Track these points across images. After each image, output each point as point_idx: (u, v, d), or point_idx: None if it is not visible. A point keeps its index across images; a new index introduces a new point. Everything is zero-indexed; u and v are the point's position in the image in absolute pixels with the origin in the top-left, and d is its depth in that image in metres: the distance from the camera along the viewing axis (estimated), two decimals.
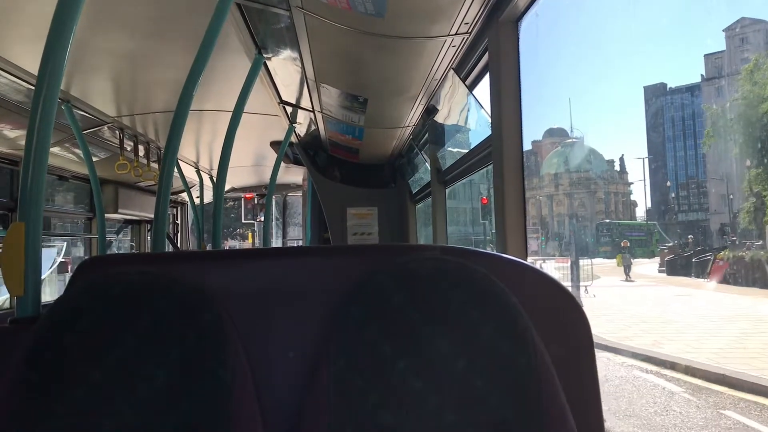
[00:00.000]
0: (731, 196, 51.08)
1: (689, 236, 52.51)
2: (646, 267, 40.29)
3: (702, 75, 63.00)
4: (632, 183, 75.77)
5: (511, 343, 1.24)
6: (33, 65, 2.98)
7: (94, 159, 4.50)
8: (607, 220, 62.05)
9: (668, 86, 74.45)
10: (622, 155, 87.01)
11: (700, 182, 68.92)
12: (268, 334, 1.35)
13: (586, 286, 23.18)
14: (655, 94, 74.52)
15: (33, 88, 3.20)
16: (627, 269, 31.81)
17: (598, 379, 1.38)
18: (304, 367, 1.30)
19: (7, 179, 4.72)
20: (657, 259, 42.45)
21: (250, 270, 1.43)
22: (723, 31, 57.95)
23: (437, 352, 1.23)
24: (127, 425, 1.17)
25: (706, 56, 62.43)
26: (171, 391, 1.19)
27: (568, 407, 1.25)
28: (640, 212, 73.75)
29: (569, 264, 26.99)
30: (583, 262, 29.89)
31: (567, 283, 22.61)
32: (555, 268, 29.32)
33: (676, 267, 33.34)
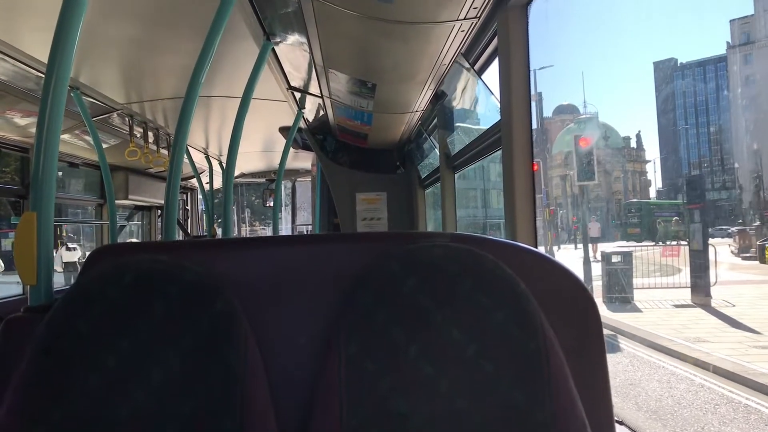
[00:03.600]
0: None
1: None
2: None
3: (728, 42, 59.54)
4: (649, 161, 73.98)
5: (520, 330, 1.25)
6: (42, 53, 3.00)
7: (104, 146, 4.52)
8: (635, 200, 59.48)
9: (679, 61, 72.95)
10: (639, 131, 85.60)
11: (713, 160, 67.62)
12: (279, 321, 1.36)
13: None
14: (666, 68, 73.00)
15: (42, 75, 3.23)
16: None
17: (607, 363, 1.39)
18: (315, 353, 1.32)
19: (18, 166, 4.75)
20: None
21: (260, 257, 1.44)
22: None
23: (448, 337, 1.24)
24: (141, 411, 1.19)
25: (732, 22, 58.72)
26: (183, 377, 1.21)
27: (578, 393, 1.26)
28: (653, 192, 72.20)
29: (682, 254, 17.65)
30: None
31: (682, 281, 15.57)
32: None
33: None
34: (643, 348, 10.79)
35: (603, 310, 13.86)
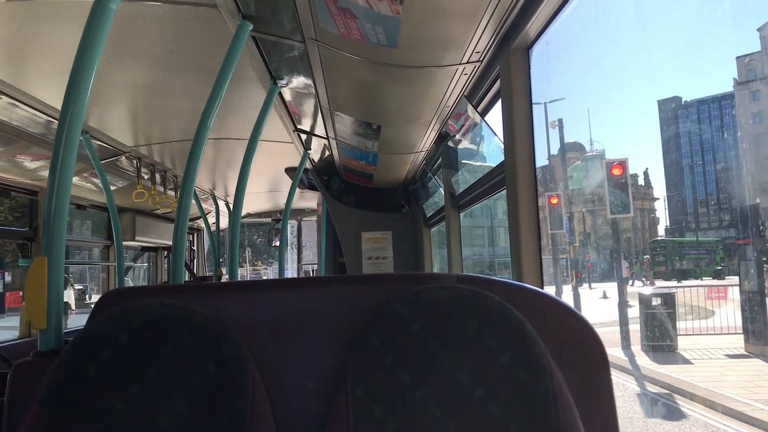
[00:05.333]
0: None
1: None
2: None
3: (735, 78, 58.22)
4: (658, 198, 73.33)
5: (528, 371, 1.25)
6: (52, 98, 3.06)
7: (112, 188, 4.56)
8: (660, 238, 58.32)
9: (683, 100, 73.13)
10: (646, 168, 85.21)
11: (720, 198, 67.13)
12: (287, 364, 1.36)
13: None
14: (670, 107, 73.21)
15: (53, 120, 3.30)
16: None
17: (615, 404, 1.38)
18: (322, 397, 1.32)
19: (27, 209, 4.80)
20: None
21: (267, 301, 1.45)
22: (757, 30, 54.35)
23: (455, 380, 1.24)
24: None
25: (738, 59, 57.37)
26: (191, 421, 1.22)
27: None
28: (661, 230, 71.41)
29: (729, 293, 15.55)
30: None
31: (724, 324, 13.78)
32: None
33: None
34: (714, 414, 8.60)
35: (645, 360, 12.16)
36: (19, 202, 4.95)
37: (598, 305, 21.77)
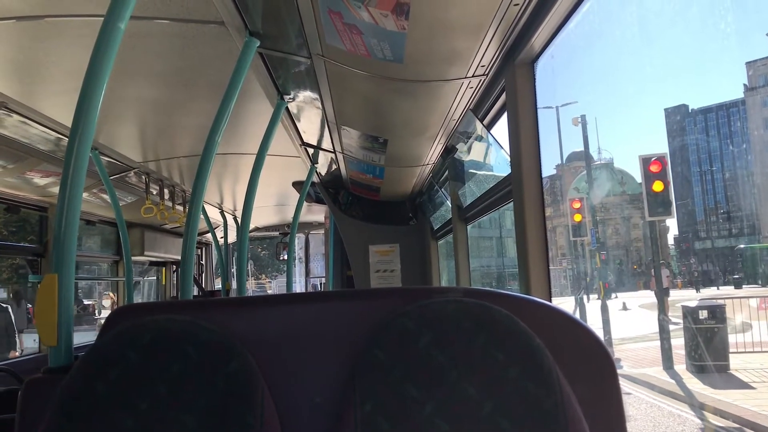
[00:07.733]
0: None
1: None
2: None
3: (745, 84, 56.83)
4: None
5: (536, 385, 1.24)
6: (62, 115, 3.09)
7: (121, 203, 4.59)
8: (742, 246, 57.13)
9: (690, 108, 72.52)
10: None
11: (730, 206, 66.47)
12: (295, 380, 1.36)
13: None
14: (677, 116, 72.64)
15: (62, 137, 3.33)
16: None
17: (625, 417, 1.37)
18: (330, 412, 1.32)
19: (37, 225, 4.84)
20: None
21: (275, 316, 1.45)
22: (767, 35, 53.44)
23: (463, 394, 1.24)
24: None
25: (748, 64, 55.96)
26: None
27: None
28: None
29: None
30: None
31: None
32: None
33: None
34: None
35: (696, 384, 10.42)
36: (24, 218, 4.99)
37: (622, 318, 21.29)
